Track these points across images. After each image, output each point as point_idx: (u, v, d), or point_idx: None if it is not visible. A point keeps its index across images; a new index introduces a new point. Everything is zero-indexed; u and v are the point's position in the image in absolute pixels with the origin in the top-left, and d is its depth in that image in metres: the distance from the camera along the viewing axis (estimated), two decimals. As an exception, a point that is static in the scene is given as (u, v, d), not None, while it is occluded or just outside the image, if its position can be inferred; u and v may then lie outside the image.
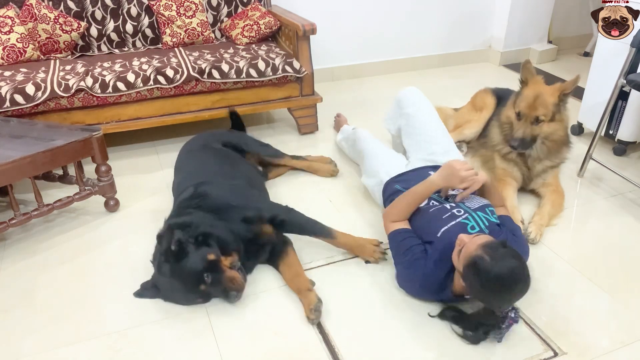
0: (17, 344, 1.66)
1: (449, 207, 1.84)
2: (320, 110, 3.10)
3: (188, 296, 1.77)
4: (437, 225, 1.77)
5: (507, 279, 1.48)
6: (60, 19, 2.84)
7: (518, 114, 2.25)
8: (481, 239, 1.57)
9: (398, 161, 2.24)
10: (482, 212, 1.81)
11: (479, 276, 1.50)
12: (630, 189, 2.48)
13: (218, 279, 1.72)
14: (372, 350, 1.63)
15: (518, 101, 2.27)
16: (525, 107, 2.21)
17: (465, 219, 1.76)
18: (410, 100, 2.34)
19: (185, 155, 2.37)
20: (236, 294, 1.74)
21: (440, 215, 1.80)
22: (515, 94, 2.34)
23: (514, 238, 1.78)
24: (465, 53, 4.30)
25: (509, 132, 2.34)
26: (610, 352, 1.61)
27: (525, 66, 2.30)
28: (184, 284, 1.72)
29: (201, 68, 2.64)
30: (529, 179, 2.39)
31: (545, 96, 2.20)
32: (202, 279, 1.70)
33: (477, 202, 1.87)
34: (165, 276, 1.73)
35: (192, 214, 1.88)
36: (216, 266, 1.73)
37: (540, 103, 2.19)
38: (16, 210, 2.04)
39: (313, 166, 2.63)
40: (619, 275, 1.94)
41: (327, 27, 3.59)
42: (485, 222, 1.77)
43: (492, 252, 1.50)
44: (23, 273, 1.97)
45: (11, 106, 2.40)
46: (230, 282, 1.73)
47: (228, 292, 1.73)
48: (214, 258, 1.73)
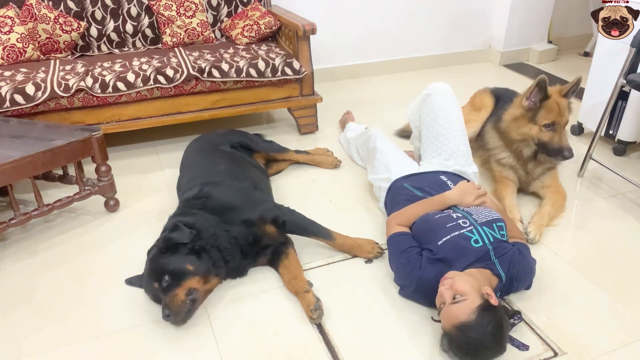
0: (17, 344, 1.66)
1: (455, 217, 1.80)
2: (320, 110, 3.10)
3: (148, 287, 1.77)
4: (440, 232, 1.74)
5: (479, 353, 1.49)
6: (60, 19, 2.84)
7: (551, 125, 2.19)
8: (457, 312, 1.49)
9: (410, 163, 2.23)
10: (488, 227, 1.76)
11: (449, 343, 1.54)
12: (630, 189, 2.48)
13: (170, 288, 1.68)
14: (372, 350, 1.62)
15: (544, 114, 2.19)
16: (558, 115, 2.19)
17: (470, 232, 1.73)
18: (439, 99, 2.21)
19: (192, 155, 2.37)
20: (168, 314, 1.64)
21: (445, 223, 1.77)
22: (529, 113, 2.24)
23: (520, 256, 1.73)
24: (465, 53, 4.30)
25: (523, 146, 2.29)
26: (610, 352, 1.61)
27: (544, 84, 2.18)
28: (149, 272, 1.73)
29: (201, 67, 2.64)
30: (526, 183, 2.39)
31: (564, 103, 2.22)
32: (161, 278, 1.69)
33: (485, 216, 1.82)
34: (148, 257, 1.76)
35: (197, 214, 1.89)
36: (180, 278, 1.69)
37: (564, 108, 2.21)
38: (16, 210, 2.04)
39: (316, 159, 2.68)
40: (619, 275, 1.94)
41: (327, 27, 3.59)
42: (490, 238, 1.73)
43: (465, 333, 1.47)
44: (23, 273, 1.97)
45: (11, 106, 2.40)
46: (171, 300, 1.65)
47: (165, 307, 1.66)
48: (191, 269, 1.71)
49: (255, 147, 2.51)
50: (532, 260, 1.79)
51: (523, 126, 2.26)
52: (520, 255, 1.74)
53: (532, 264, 1.79)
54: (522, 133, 2.28)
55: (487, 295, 1.51)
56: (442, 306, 1.55)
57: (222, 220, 1.88)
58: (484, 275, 1.64)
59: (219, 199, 1.96)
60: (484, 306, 1.48)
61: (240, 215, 1.91)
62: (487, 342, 1.46)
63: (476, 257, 1.68)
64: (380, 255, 2.00)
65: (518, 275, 1.71)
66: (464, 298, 1.49)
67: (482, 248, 1.69)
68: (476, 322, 1.45)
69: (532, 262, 1.79)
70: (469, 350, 1.48)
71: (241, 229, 1.88)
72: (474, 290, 1.51)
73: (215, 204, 1.94)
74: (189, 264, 1.71)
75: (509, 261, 1.70)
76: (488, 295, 1.51)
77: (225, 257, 1.82)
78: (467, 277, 1.58)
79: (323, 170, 2.67)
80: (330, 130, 3.11)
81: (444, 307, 1.53)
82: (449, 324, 1.51)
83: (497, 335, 1.48)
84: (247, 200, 1.99)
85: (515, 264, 1.70)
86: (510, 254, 1.71)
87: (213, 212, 1.90)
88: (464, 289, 1.51)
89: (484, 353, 1.49)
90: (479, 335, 1.45)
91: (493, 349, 1.49)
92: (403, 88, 3.82)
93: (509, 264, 1.69)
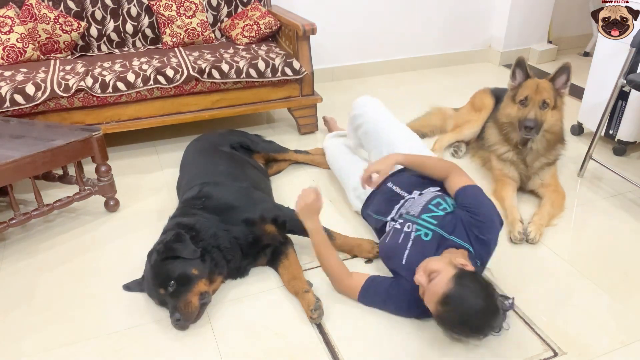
0: (17, 344, 1.66)
1: (399, 227, 1.81)
2: (320, 110, 3.10)
3: (152, 292, 1.76)
4: (399, 251, 1.75)
5: (476, 321, 1.47)
6: (60, 19, 2.84)
7: (524, 100, 2.25)
8: (435, 287, 1.48)
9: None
10: (426, 212, 1.77)
11: (444, 326, 1.54)
12: (630, 189, 2.48)
13: (179, 294, 1.67)
14: (372, 350, 1.63)
15: (521, 91, 2.28)
16: (532, 91, 2.24)
17: (417, 231, 1.74)
18: (361, 113, 2.28)
19: (192, 155, 2.38)
20: (179, 319, 1.64)
21: (397, 240, 1.78)
22: (511, 92, 2.34)
23: (469, 214, 1.71)
24: (465, 53, 4.30)
25: (510, 129, 2.34)
26: (610, 352, 1.61)
27: (523, 63, 2.30)
28: (153, 278, 1.72)
29: (201, 68, 2.64)
30: (527, 178, 2.39)
31: (544, 84, 2.26)
32: (167, 284, 1.67)
33: (418, 204, 1.83)
34: (149, 263, 1.74)
35: (197, 215, 1.88)
36: (189, 282, 1.69)
37: (544, 88, 2.25)
38: (16, 210, 2.04)
39: (316, 159, 2.69)
40: (619, 275, 1.94)
41: (327, 27, 3.59)
42: (433, 221, 1.74)
43: (451, 305, 1.46)
44: (23, 273, 1.97)
45: (11, 106, 2.40)
46: (185, 306, 1.65)
47: (175, 312, 1.65)
48: (196, 274, 1.70)
49: (255, 147, 2.52)
50: (485, 203, 1.76)
51: (507, 107, 2.34)
52: (468, 213, 1.72)
53: (486, 207, 1.74)
54: (506, 114, 2.34)
55: (461, 264, 1.53)
56: (423, 294, 1.55)
57: (222, 220, 1.88)
58: (453, 253, 1.66)
59: (219, 198, 1.96)
60: (460, 274, 1.49)
61: (241, 215, 1.91)
62: (474, 304, 1.45)
63: (436, 247, 1.69)
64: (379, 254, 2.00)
65: (480, 231, 1.69)
66: (438, 272, 1.50)
67: (434, 235, 1.71)
68: (456, 289, 1.45)
69: (487, 204, 1.76)
70: (462, 320, 1.47)
71: (241, 228, 1.88)
72: (446, 264, 1.53)
73: (215, 203, 1.94)
74: (194, 269, 1.71)
75: (463, 227, 1.70)
76: (462, 265, 1.53)
77: (227, 257, 1.82)
78: (437, 257, 1.61)
79: (323, 170, 2.67)
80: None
81: (425, 291, 1.53)
82: (434, 303, 1.49)
83: (483, 295, 1.47)
84: (247, 200, 1.99)
85: (470, 224, 1.70)
86: (459, 221, 1.71)
87: (213, 212, 1.90)
88: (436, 266, 1.53)
89: (478, 317, 1.47)
90: (465, 300, 1.45)
91: (484, 309, 1.47)
92: (403, 88, 3.82)
93: (464, 230, 1.70)
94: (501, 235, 2.14)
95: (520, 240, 2.09)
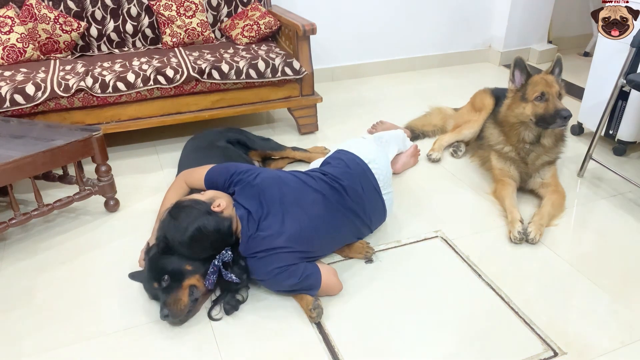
0: (17, 344, 1.66)
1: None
2: (320, 110, 3.10)
3: (146, 286, 1.77)
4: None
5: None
6: (60, 19, 2.84)
7: (540, 96, 2.22)
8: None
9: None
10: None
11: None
12: (630, 189, 2.48)
13: (171, 289, 1.68)
14: (372, 350, 1.63)
15: (531, 88, 2.25)
16: (546, 86, 2.22)
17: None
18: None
19: (188, 152, 2.38)
20: (167, 314, 1.65)
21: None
22: (518, 92, 2.30)
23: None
24: (465, 53, 4.30)
25: (522, 128, 2.31)
26: (610, 352, 1.61)
27: (522, 63, 2.29)
28: (148, 271, 1.73)
29: (201, 68, 2.64)
30: (527, 176, 2.38)
31: (551, 77, 2.26)
32: (160, 278, 1.68)
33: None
34: (148, 256, 1.76)
35: None
36: (180, 278, 1.69)
37: (553, 81, 2.25)
38: (16, 210, 2.04)
39: (313, 157, 2.68)
40: (619, 275, 1.94)
41: (327, 27, 3.59)
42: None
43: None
44: (23, 273, 1.97)
45: (11, 106, 2.40)
46: (174, 302, 1.66)
47: (164, 307, 1.65)
48: (190, 269, 1.71)
49: (251, 144, 2.52)
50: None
51: (517, 108, 2.30)
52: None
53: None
54: (517, 115, 2.31)
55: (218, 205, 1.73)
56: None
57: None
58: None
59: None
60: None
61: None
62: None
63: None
64: (371, 254, 2.00)
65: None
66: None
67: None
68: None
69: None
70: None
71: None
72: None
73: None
74: (187, 265, 1.71)
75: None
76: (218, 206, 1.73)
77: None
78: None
79: (323, 170, 2.67)
80: (331, 130, 3.11)
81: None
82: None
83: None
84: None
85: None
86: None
87: None
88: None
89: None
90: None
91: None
92: (403, 88, 3.81)
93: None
94: (501, 235, 2.15)
95: (520, 240, 2.09)
